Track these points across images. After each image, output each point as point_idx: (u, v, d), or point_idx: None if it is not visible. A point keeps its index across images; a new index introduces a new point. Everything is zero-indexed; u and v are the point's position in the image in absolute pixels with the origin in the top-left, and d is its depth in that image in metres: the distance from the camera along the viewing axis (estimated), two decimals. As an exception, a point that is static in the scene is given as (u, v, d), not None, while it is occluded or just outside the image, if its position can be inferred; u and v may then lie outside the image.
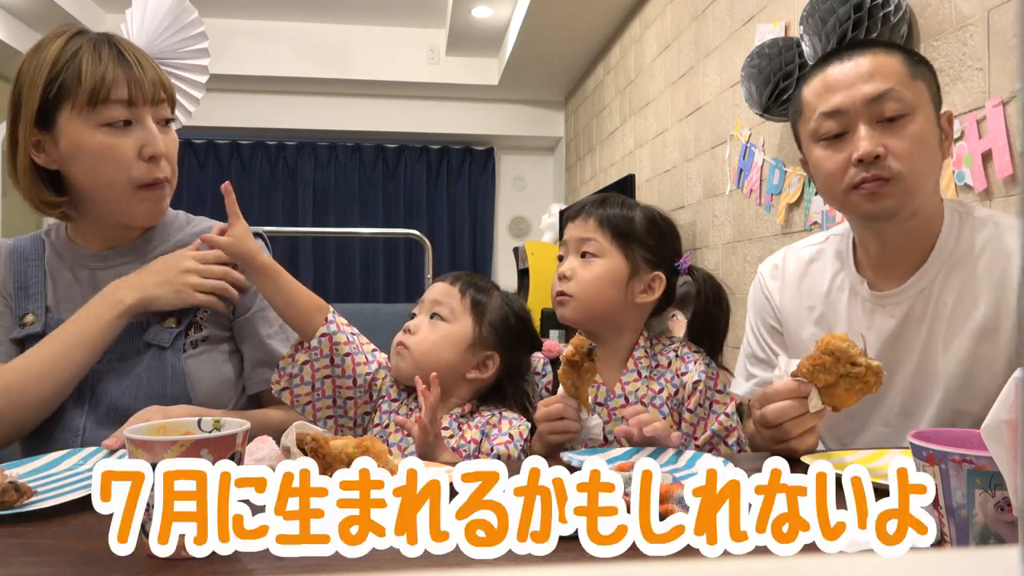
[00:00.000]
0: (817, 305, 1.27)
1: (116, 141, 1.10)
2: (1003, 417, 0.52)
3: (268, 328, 1.27)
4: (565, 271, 1.23)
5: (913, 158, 1.09)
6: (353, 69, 5.63)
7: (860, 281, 1.22)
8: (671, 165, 3.58)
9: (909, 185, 1.10)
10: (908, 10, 1.84)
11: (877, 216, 1.13)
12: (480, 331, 1.22)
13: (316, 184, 6.40)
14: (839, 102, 1.12)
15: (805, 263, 1.31)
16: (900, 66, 1.11)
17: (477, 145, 6.61)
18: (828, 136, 1.14)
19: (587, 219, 1.24)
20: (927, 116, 1.11)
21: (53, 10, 4.60)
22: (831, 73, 1.14)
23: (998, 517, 0.61)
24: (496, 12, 4.85)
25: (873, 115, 1.10)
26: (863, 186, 1.10)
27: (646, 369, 1.23)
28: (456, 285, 1.25)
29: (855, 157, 1.10)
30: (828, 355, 0.99)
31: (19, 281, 1.20)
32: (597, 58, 4.98)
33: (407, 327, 1.24)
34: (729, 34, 2.90)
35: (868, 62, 1.12)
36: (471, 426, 1.18)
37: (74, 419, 1.13)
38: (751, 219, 2.73)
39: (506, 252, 6.50)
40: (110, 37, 1.14)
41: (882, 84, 1.10)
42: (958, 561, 0.32)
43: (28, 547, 0.73)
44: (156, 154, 1.12)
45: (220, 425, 0.78)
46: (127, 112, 1.10)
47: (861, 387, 0.99)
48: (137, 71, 1.11)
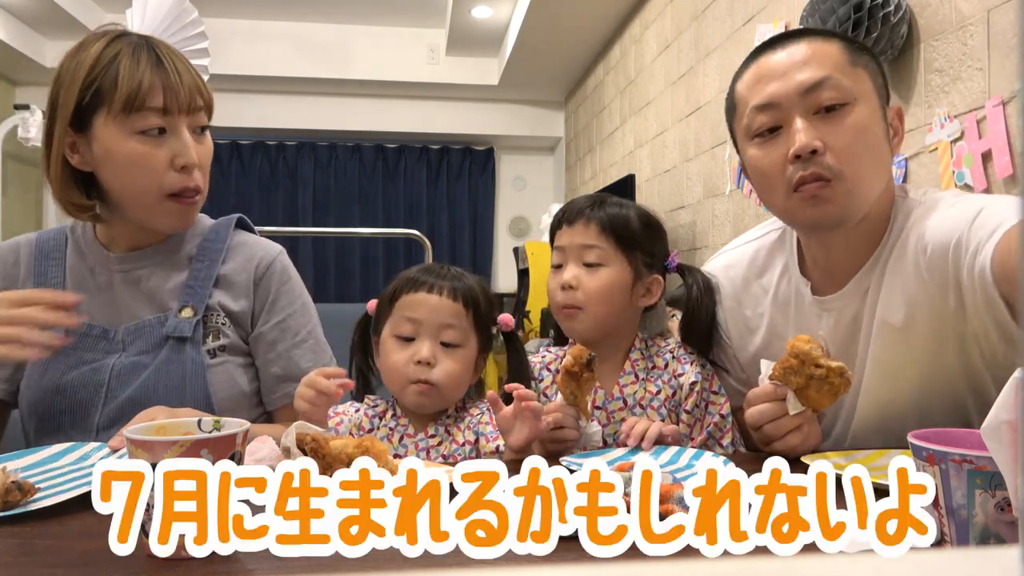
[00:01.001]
0: (763, 312, 1.21)
1: (149, 150, 1.09)
2: (1003, 417, 0.52)
3: (291, 339, 1.24)
4: (570, 281, 1.18)
5: (854, 152, 1.00)
6: (353, 69, 5.63)
7: (805, 284, 1.15)
8: (671, 165, 3.58)
9: (852, 185, 1.00)
10: (908, 10, 1.84)
11: (822, 225, 1.05)
12: (480, 340, 1.21)
13: (316, 184, 6.40)
14: (772, 93, 1.03)
15: (746, 267, 1.24)
16: (839, 53, 1.03)
17: (477, 145, 6.61)
18: (762, 131, 1.05)
19: (588, 224, 1.20)
20: (870, 106, 1.03)
21: (53, 10, 4.60)
22: (763, 63, 1.06)
23: (998, 517, 0.61)
24: (496, 12, 4.85)
25: (809, 106, 1.01)
26: (803, 187, 1.01)
27: (643, 371, 1.23)
28: (459, 300, 1.16)
29: (791, 152, 1.00)
30: (794, 358, 0.99)
31: (39, 281, 1.19)
32: (597, 58, 4.98)
33: (420, 358, 1.12)
34: (729, 34, 2.90)
35: (803, 49, 1.03)
36: (460, 428, 1.17)
37: (89, 415, 1.13)
38: (751, 219, 2.73)
39: (506, 252, 6.50)
40: (150, 41, 1.13)
41: (818, 71, 1.01)
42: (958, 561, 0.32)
43: (28, 547, 0.73)
44: (189, 164, 1.11)
45: (220, 425, 0.78)
46: (162, 120, 1.09)
47: (829, 388, 0.99)
48: (174, 78, 1.10)
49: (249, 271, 1.24)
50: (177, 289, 1.20)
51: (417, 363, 1.12)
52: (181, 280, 1.20)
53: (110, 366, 1.14)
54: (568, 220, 1.22)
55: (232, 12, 5.29)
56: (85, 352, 1.15)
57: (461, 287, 1.17)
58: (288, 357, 1.24)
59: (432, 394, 1.13)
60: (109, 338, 1.16)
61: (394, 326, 1.16)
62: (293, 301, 1.27)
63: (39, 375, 1.14)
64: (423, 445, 1.14)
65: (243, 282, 1.23)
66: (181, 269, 1.21)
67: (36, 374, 1.15)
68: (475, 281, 1.20)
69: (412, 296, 1.15)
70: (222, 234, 1.26)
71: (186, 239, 1.24)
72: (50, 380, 1.14)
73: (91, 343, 1.16)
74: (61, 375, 1.14)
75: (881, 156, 1.04)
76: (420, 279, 1.17)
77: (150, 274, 1.20)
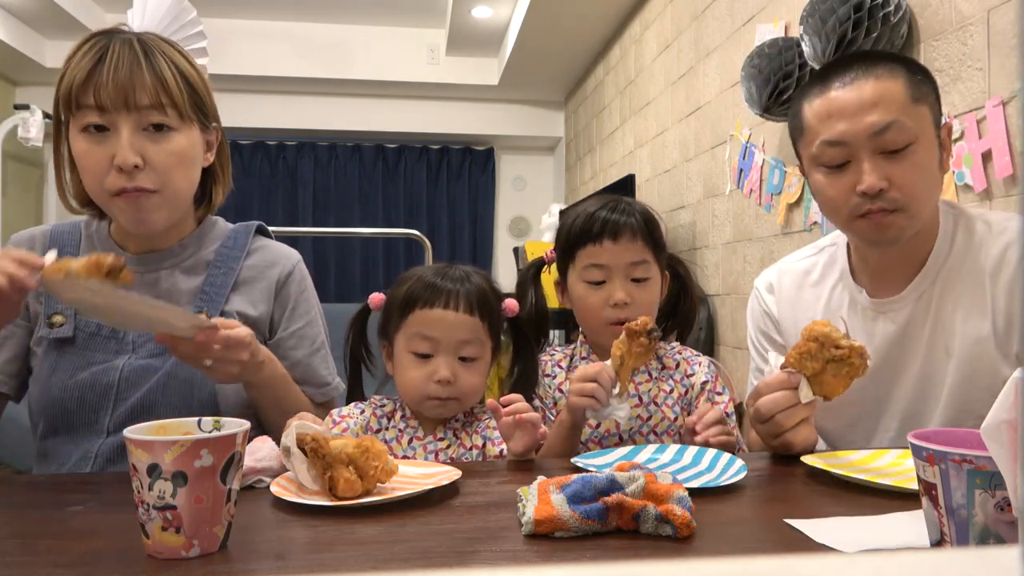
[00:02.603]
0: (817, 316, 1.26)
1: (90, 148, 1.08)
2: (1003, 417, 0.52)
3: (309, 346, 1.26)
4: (624, 299, 1.20)
5: (917, 187, 1.09)
6: (353, 69, 5.62)
7: (859, 290, 1.23)
8: (671, 165, 3.58)
9: (913, 213, 1.10)
10: (908, 10, 1.84)
11: (882, 243, 1.14)
12: (493, 344, 1.21)
13: (316, 184, 6.40)
14: (842, 132, 1.10)
15: (801, 276, 1.31)
16: (903, 92, 1.10)
17: (477, 145, 6.61)
18: (831, 164, 1.13)
19: (634, 239, 1.22)
20: (929, 141, 1.11)
21: (53, 10, 4.60)
22: (834, 97, 1.12)
23: (998, 517, 0.61)
24: (496, 12, 4.85)
25: (877, 147, 1.09)
26: (869, 216, 1.10)
27: (655, 371, 1.27)
28: (476, 315, 1.14)
29: (859, 190, 1.09)
30: (812, 341, 1.01)
31: None
32: (597, 58, 4.98)
33: (440, 378, 1.11)
34: (729, 34, 2.90)
35: (871, 89, 1.09)
36: (469, 433, 1.17)
37: (99, 417, 1.13)
38: (751, 219, 2.73)
39: (506, 252, 6.50)
40: (123, 38, 1.10)
41: (886, 115, 1.08)
42: (958, 561, 0.32)
43: (28, 547, 0.73)
44: (122, 165, 1.06)
45: (220, 425, 0.78)
46: (99, 117, 1.07)
47: (848, 370, 1.00)
48: (107, 74, 1.05)
49: (271, 277, 1.25)
50: (192, 293, 1.19)
51: (437, 382, 1.12)
52: (197, 284, 1.20)
53: (120, 368, 1.13)
54: (611, 235, 1.22)
55: (232, 12, 5.29)
56: (94, 352, 1.15)
57: (475, 295, 1.15)
58: (307, 364, 1.25)
59: (451, 405, 1.15)
60: (119, 338, 1.16)
61: (409, 342, 1.14)
62: (310, 309, 1.29)
63: (47, 374, 1.14)
64: (432, 448, 1.15)
65: (264, 288, 1.24)
66: (198, 274, 1.21)
67: (44, 373, 1.14)
68: (482, 279, 1.20)
69: (428, 313, 1.14)
70: (240, 241, 1.25)
71: (204, 244, 1.23)
72: (59, 380, 1.13)
73: (100, 343, 1.15)
74: (70, 375, 1.13)
75: (936, 183, 1.14)
76: (433, 291, 1.14)
77: (166, 277, 1.19)
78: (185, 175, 1.14)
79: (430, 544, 0.73)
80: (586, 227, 1.23)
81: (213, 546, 0.70)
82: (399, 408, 1.20)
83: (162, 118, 1.09)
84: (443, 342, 1.13)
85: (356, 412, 1.19)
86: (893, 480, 0.90)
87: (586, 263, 1.24)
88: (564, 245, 1.28)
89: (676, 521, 0.72)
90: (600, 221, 1.22)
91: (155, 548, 0.69)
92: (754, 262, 2.70)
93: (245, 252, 1.25)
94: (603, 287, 1.22)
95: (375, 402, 1.21)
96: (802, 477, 0.98)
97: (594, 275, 1.23)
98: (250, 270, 1.24)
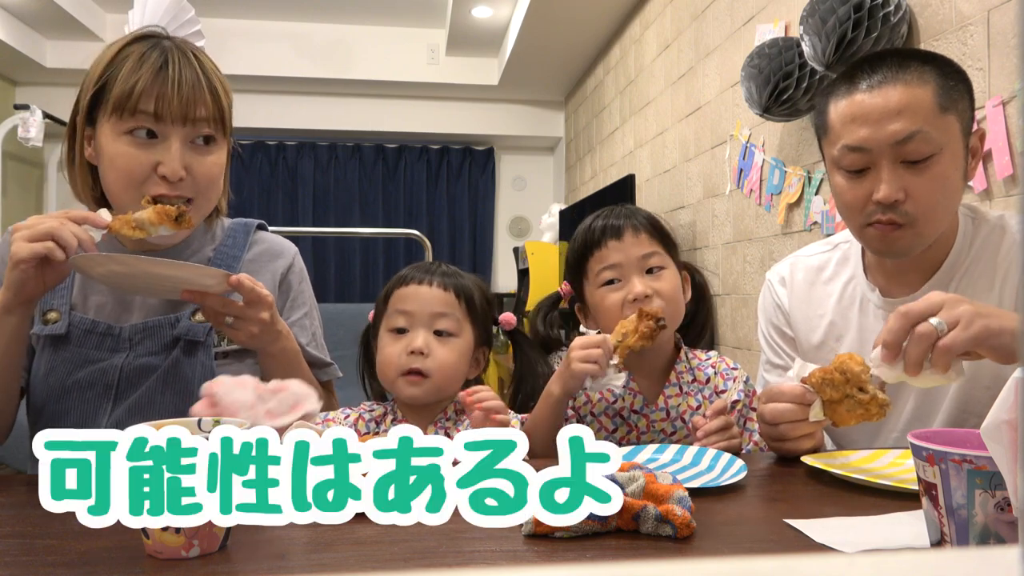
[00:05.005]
0: (827, 313, 1.26)
1: (133, 151, 1.09)
2: (1003, 417, 0.52)
3: (308, 337, 1.27)
4: (644, 291, 1.18)
5: (932, 200, 1.07)
6: (353, 69, 5.62)
7: (871, 288, 1.22)
8: (671, 165, 3.58)
9: (922, 228, 1.09)
10: (908, 10, 1.84)
11: (887, 256, 1.15)
12: (476, 333, 1.21)
13: (316, 184, 6.40)
14: (863, 139, 1.08)
15: (814, 271, 1.31)
16: (931, 100, 1.06)
17: (477, 145, 6.61)
18: (851, 169, 1.12)
19: (637, 234, 1.21)
20: (954, 152, 1.08)
21: (53, 10, 4.60)
22: (859, 100, 1.09)
23: (998, 517, 0.61)
24: (496, 12, 4.85)
25: (898, 156, 1.07)
26: (877, 226, 1.10)
27: (686, 384, 1.25)
28: (450, 290, 1.18)
29: (875, 199, 1.08)
30: (840, 373, 0.99)
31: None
32: (597, 58, 4.98)
33: (414, 348, 1.14)
34: (729, 34, 2.90)
35: (898, 96, 1.06)
36: (459, 430, 1.17)
37: (98, 417, 1.13)
38: (751, 219, 2.73)
39: (506, 252, 6.50)
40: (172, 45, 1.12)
41: (910, 124, 1.05)
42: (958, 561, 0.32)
43: (28, 547, 0.73)
44: (169, 175, 1.09)
45: (220, 424, 0.78)
46: (153, 124, 1.09)
47: (862, 412, 0.99)
48: (172, 87, 1.08)
49: (275, 269, 1.26)
50: None
51: (411, 353, 1.13)
52: None
53: (118, 367, 1.14)
54: (615, 235, 1.21)
55: (232, 12, 5.29)
56: (90, 350, 1.14)
57: (452, 279, 1.19)
58: (309, 351, 1.26)
59: (425, 384, 1.13)
60: (115, 335, 1.15)
61: (388, 321, 1.17)
62: (307, 301, 1.30)
63: (44, 372, 1.14)
64: None
65: (268, 279, 1.25)
66: None
67: (41, 371, 1.14)
68: (470, 279, 1.22)
69: (403, 290, 1.18)
70: (240, 240, 1.26)
71: (204, 242, 1.24)
72: (56, 379, 1.13)
73: (96, 340, 1.15)
74: (67, 375, 1.13)
75: (956, 197, 1.12)
76: (410, 274, 1.19)
77: None
78: (218, 185, 1.18)
79: (430, 544, 0.73)
80: (589, 237, 1.24)
81: (213, 546, 0.70)
82: (391, 412, 1.20)
83: (211, 132, 1.13)
84: (417, 315, 1.15)
85: (341, 416, 1.19)
86: (893, 480, 0.90)
87: (598, 269, 1.23)
88: (573, 263, 1.27)
89: (676, 521, 0.72)
90: (600, 227, 1.23)
91: (155, 548, 0.69)
92: (754, 262, 2.70)
93: (246, 248, 1.26)
94: (620, 286, 1.21)
95: (364, 407, 1.22)
96: (802, 477, 0.98)
97: (608, 275, 1.22)
98: (252, 264, 1.25)
